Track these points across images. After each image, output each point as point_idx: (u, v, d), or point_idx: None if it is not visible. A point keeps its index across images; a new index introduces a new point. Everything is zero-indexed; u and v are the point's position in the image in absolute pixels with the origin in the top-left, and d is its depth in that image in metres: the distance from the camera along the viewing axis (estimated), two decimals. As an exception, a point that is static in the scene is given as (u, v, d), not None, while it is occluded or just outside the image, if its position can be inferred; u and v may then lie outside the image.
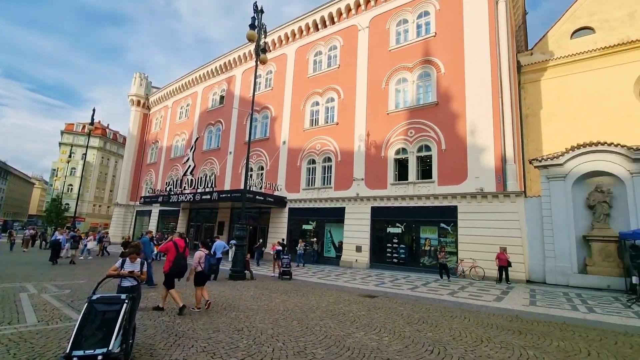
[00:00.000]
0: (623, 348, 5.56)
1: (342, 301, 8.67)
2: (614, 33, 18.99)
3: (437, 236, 16.67)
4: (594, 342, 5.81)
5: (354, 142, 20.16)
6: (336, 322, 6.48)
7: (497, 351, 5.12)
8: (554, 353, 5.15)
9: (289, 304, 8.08)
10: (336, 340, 5.28)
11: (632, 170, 12.37)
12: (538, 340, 5.85)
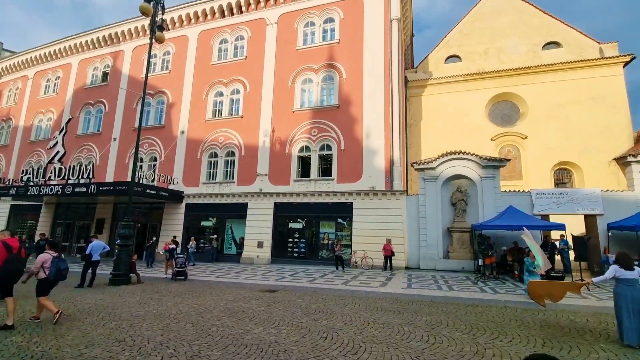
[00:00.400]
0: (470, 316, 7.01)
1: (241, 298, 8.54)
2: (474, 64, 23.50)
3: (335, 230, 17.88)
4: (451, 314, 7.16)
5: (259, 137, 19.93)
6: (235, 320, 6.37)
7: (380, 331, 5.83)
8: (423, 327, 6.15)
9: (183, 306, 7.55)
10: (234, 339, 5.19)
11: (482, 175, 15.60)
12: (411, 317, 6.88)
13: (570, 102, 20.62)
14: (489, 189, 15.32)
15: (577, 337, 5.57)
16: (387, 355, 4.60)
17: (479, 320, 6.64)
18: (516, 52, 22.76)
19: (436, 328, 6.07)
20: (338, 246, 15.36)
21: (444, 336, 5.54)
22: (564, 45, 21.89)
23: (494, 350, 4.91)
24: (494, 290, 10.22)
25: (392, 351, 4.77)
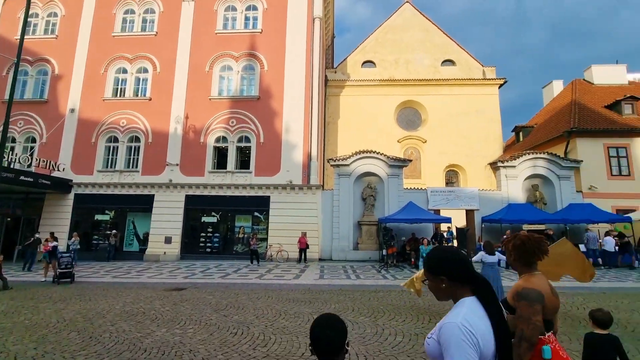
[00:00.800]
0: (372, 301, 7.72)
1: (143, 299, 7.80)
2: (386, 71, 25.62)
3: (251, 224, 17.61)
4: (357, 300, 7.78)
5: (169, 124, 18.28)
6: (133, 323, 5.80)
7: (291, 321, 6.01)
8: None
9: (67, 312, 6.55)
10: (130, 344, 4.74)
11: (389, 173, 17.20)
12: (322, 306, 7.27)
13: (460, 114, 24.14)
14: (393, 186, 16.99)
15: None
16: (296, 344, 4.78)
17: (380, 305, 7.38)
18: (421, 65, 25.56)
19: (343, 314, 6.53)
20: (254, 240, 15.19)
21: (349, 321, 6.01)
22: (458, 64, 25.45)
23: (390, 330, 5.54)
24: (394, 277, 11.44)
25: (301, 340, 4.98)
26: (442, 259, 1.40)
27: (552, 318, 1.92)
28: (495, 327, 1.24)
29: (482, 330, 1.21)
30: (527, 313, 1.79)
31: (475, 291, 1.34)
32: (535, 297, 1.83)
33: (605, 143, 17.51)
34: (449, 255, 1.41)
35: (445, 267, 1.37)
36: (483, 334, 1.21)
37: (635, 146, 17.46)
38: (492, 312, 1.27)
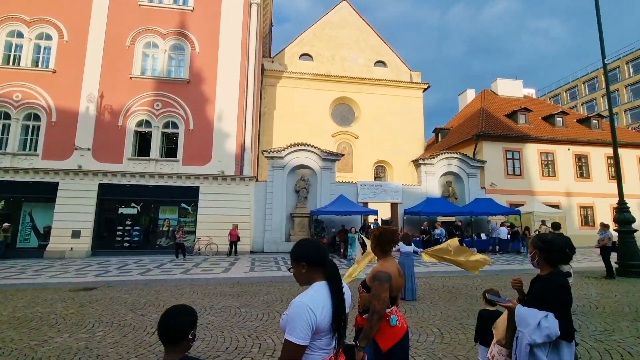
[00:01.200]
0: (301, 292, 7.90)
1: (40, 302, 6.80)
2: (323, 66, 26.02)
3: (178, 216, 16.52)
4: (286, 291, 7.88)
5: (79, 102, 16.04)
6: (26, 330, 5.03)
7: (217, 316, 5.84)
8: (259, 306, 6.54)
9: None
10: (20, 355, 4.11)
11: (322, 166, 17.62)
12: (250, 299, 7.20)
13: (389, 113, 25.76)
14: (326, 179, 17.48)
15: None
16: (221, 339, 4.68)
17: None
18: (356, 64, 26.53)
19: (271, 306, 6.57)
20: (179, 233, 14.27)
21: (277, 312, 6.06)
22: (389, 66, 27.03)
23: (316, 317, 5.74)
24: (324, 267, 11.85)
25: (225, 334, 4.88)
26: (303, 247, 1.66)
27: (396, 295, 2.32)
28: (334, 304, 1.54)
29: (321, 308, 1.49)
30: (378, 291, 2.14)
31: (327, 276, 1.61)
32: (385, 278, 2.19)
33: (504, 147, 20.43)
34: (309, 244, 1.69)
35: (306, 254, 1.63)
36: (322, 311, 1.49)
37: (526, 151, 20.71)
38: (334, 292, 1.56)
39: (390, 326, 2.16)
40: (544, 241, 2.12)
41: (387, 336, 2.14)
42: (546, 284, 1.98)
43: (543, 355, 1.84)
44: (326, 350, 1.53)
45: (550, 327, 1.81)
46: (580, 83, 44.19)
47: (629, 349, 4.22)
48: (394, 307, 2.26)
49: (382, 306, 2.12)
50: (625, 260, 9.92)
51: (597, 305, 6.45)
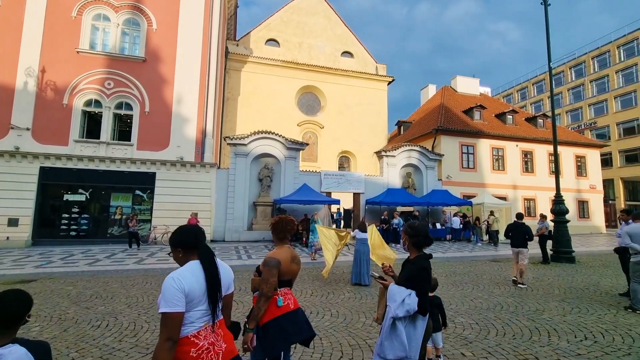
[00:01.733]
0: (260, 280, 7.86)
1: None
2: (290, 53, 25.55)
3: (132, 204, 15.62)
4: (244, 280, 7.78)
5: (16, 76, 14.41)
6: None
7: (170, 306, 5.64)
8: (216, 295, 6.42)
9: None
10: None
11: (286, 155, 17.46)
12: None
13: (354, 104, 26.02)
14: (290, 168, 17.37)
15: (334, 283, 7.34)
16: (173, 330, 4.53)
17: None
18: (323, 53, 26.35)
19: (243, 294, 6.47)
20: (133, 222, 13.52)
21: (236, 301, 5.99)
22: (355, 57, 27.16)
23: (273, 305, 5.76)
24: (285, 255, 11.87)
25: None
26: (180, 234, 1.83)
27: (291, 278, 2.54)
28: (207, 277, 1.71)
29: (191, 280, 1.66)
30: (267, 276, 2.33)
31: (200, 257, 1.78)
32: (273, 264, 2.36)
33: (460, 141, 21.53)
34: (186, 231, 1.85)
35: (182, 240, 1.81)
36: (191, 279, 1.66)
37: (479, 145, 21.99)
38: (206, 267, 1.73)
39: (277, 306, 2.36)
40: (412, 228, 2.38)
41: (268, 313, 2.35)
42: (411, 266, 2.25)
43: (402, 327, 2.12)
44: (200, 320, 1.68)
45: (411, 304, 2.09)
46: (530, 84, 47.52)
47: (555, 326, 4.71)
48: (285, 289, 2.47)
49: (269, 289, 2.30)
50: (558, 247, 10.99)
51: (532, 288, 7.11)
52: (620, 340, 4.16)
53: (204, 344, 1.66)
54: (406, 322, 2.14)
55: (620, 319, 5.00)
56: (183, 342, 1.62)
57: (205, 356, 1.64)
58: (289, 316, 2.39)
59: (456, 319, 4.99)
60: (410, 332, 2.13)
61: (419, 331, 2.14)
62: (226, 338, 1.80)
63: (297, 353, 3.77)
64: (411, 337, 2.12)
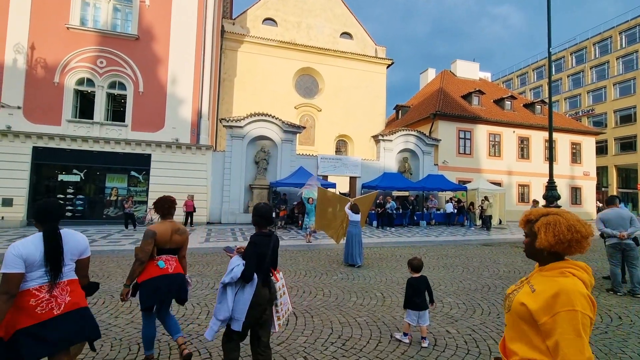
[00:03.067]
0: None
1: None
2: (288, 33, 24.96)
3: (127, 185, 15.61)
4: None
5: (4, 52, 14.06)
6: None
7: (165, 285, 5.75)
8: (211, 276, 6.54)
9: None
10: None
11: (283, 138, 17.38)
12: (203, 268, 7.16)
13: (352, 87, 25.71)
14: (287, 151, 17.33)
15: (327, 265, 7.50)
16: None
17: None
18: (322, 33, 25.77)
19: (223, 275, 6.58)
20: (129, 203, 13.55)
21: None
22: (355, 38, 26.61)
23: (267, 285, 5.89)
24: (281, 238, 12.00)
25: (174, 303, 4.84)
26: (35, 209, 2.18)
27: (175, 247, 3.06)
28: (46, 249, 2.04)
29: (30, 249, 2.00)
30: (142, 244, 2.87)
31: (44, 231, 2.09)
32: (149, 235, 2.89)
33: (458, 127, 21.49)
34: (41, 207, 2.17)
35: (35, 214, 2.17)
36: (30, 250, 2.00)
37: (477, 131, 21.98)
38: (46, 238, 2.06)
39: (158, 267, 2.89)
40: (254, 208, 2.76)
41: (146, 273, 2.86)
42: (248, 242, 2.64)
43: (231, 292, 2.48)
44: (41, 279, 2.03)
45: (236, 272, 2.46)
46: (530, 70, 47.06)
47: (538, 306, 4.87)
48: (168, 255, 3.01)
49: (144, 255, 2.84)
50: (549, 232, 11.20)
51: (520, 271, 7.30)
52: (599, 320, 4.33)
53: (44, 295, 2.02)
54: (237, 288, 2.48)
55: (602, 301, 5.18)
56: (25, 294, 1.99)
57: (45, 305, 2.02)
58: (165, 277, 2.90)
59: (444, 299, 5.14)
60: (240, 297, 2.46)
61: (246, 296, 2.45)
62: (74, 294, 2.16)
63: (288, 329, 3.90)
64: (239, 301, 2.45)
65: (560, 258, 1.32)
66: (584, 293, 1.21)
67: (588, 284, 1.27)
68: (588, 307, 1.19)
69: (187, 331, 3.85)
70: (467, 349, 3.47)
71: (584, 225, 1.31)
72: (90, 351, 3.30)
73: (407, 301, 3.59)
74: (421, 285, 3.59)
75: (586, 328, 1.17)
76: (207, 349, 3.43)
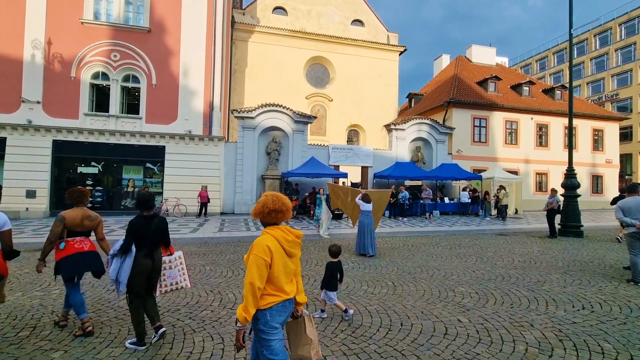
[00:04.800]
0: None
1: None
2: (298, 21, 24.67)
3: (143, 177, 15.96)
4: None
5: (23, 48, 14.41)
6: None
7: (180, 273, 5.90)
8: (224, 264, 6.67)
9: None
10: (-29, 312, 4.01)
11: (294, 128, 17.34)
12: (216, 257, 7.30)
13: (364, 76, 25.32)
14: (298, 142, 17.31)
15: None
16: (182, 294, 4.77)
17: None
18: (332, 21, 25.36)
19: (236, 264, 6.72)
20: (145, 194, 13.85)
21: (241, 269, 6.23)
22: (366, 25, 26.08)
23: (279, 274, 5.97)
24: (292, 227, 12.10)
25: (187, 290, 4.96)
26: None
27: (86, 230, 3.64)
28: None
29: None
30: (52, 226, 3.39)
31: None
32: (58, 219, 3.42)
33: (473, 114, 20.94)
34: None
35: None
36: None
37: (492, 118, 21.38)
38: None
39: (59, 249, 3.45)
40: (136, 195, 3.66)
41: (59, 254, 3.43)
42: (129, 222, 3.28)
43: (117, 261, 3.14)
44: None
45: (116, 246, 3.19)
46: (550, 54, 45.17)
47: (554, 296, 4.77)
48: (80, 237, 3.57)
49: (52, 235, 3.37)
50: (567, 221, 10.90)
51: (536, 261, 7.15)
52: (618, 311, 4.21)
53: None
54: (121, 259, 3.14)
55: (621, 291, 5.03)
56: None
57: None
58: (81, 255, 3.48)
59: (456, 289, 5.09)
60: (122, 265, 3.12)
61: (127, 265, 3.11)
62: None
63: (299, 317, 3.95)
64: (122, 268, 3.12)
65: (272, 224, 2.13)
66: (265, 244, 1.98)
67: (280, 238, 2.06)
68: (263, 252, 1.95)
69: (201, 317, 3.95)
70: (479, 338, 3.44)
71: (276, 202, 2.11)
72: (110, 333, 3.44)
73: (327, 282, 3.97)
74: (336, 268, 4.03)
75: (261, 266, 1.93)
76: (220, 334, 3.51)
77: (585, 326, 3.73)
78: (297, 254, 2.18)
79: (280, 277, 2.01)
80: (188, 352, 3.13)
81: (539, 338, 3.43)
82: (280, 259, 2.01)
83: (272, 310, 1.99)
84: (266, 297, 1.98)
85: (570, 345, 3.27)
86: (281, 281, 2.02)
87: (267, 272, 1.95)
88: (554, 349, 3.20)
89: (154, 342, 3.21)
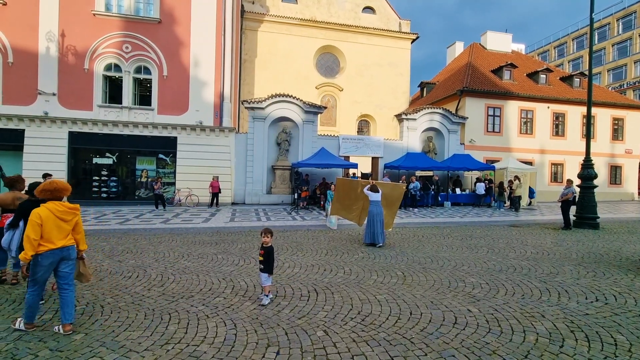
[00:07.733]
0: (278, 240, 8.19)
1: (15, 249, 6.80)
2: (308, 10, 24.32)
3: (156, 167, 16.24)
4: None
5: (38, 40, 14.65)
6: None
7: (193, 262, 6.05)
8: (236, 253, 6.79)
9: None
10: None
11: (304, 119, 17.29)
12: (228, 246, 7.43)
13: (374, 65, 24.92)
14: (308, 132, 17.28)
15: (349, 244, 7.57)
16: (196, 281, 4.90)
17: (285, 242, 7.90)
18: (342, 9, 24.91)
19: (247, 252, 6.83)
20: (158, 184, 14.13)
21: (253, 258, 6.33)
22: (377, 12, 25.54)
23: (290, 263, 6.05)
24: (303, 218, 12.20)
25: (201, 277, 5.10)
26: None
27: (12, 208, 4.39)
28: None
29: None
30: None
31: None
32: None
33: (487, 103, 20.46)
34: None
35: None
36: None
37: (507, 107, 20.85)
38: None
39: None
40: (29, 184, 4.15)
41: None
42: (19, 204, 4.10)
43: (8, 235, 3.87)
44: None
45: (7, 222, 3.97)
46: (570, 40, 43.52)
47: (566, 287, 4.72)
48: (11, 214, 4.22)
49: None
50: (582, 213, 10.66)
51: (549, 252, 7.04)
52: (633, 303, 4.14)
53: None
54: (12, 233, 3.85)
55: (637, 283, 4.93)
56: None
57: None
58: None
59: (467, 279, 5.08)
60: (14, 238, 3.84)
61: (16, 237, 3.82)
62: None
63: (308, 305, 4.02)
64: (13, 241, 3.83)
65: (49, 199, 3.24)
66: (37, 212, 3.09)
67: (52, 209, 3.17)
68: (36, 217, 3.06)
69: (214, 304, 4.05)
70: (488, 328, 3.44)
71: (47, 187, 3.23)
72: (128, 317, 3.57)
73: (269, 267, 4.13)
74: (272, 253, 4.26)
75: (35, 226, 3.04)
76: (232, 320, 3.60)
77: (598, 318, 3.69)
78: (71, 220, 3.33)
79: (51, 233, 3.13)
80: (202, 337, 3.23)
81: (549, 329, 3.41)
82: (52, 222, 3.13)
83: (42, 255, 3.11)
84: (40, 247, 3.09)
85: (582, 336, 3.25)
86: (52, 236, 3.13)
87: (39, 230, 3.05)
88: (565, 340, 3.18)
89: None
